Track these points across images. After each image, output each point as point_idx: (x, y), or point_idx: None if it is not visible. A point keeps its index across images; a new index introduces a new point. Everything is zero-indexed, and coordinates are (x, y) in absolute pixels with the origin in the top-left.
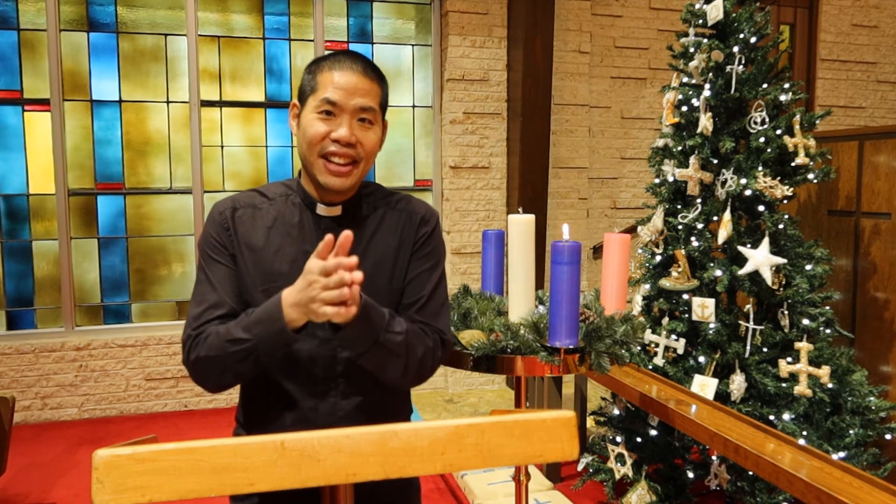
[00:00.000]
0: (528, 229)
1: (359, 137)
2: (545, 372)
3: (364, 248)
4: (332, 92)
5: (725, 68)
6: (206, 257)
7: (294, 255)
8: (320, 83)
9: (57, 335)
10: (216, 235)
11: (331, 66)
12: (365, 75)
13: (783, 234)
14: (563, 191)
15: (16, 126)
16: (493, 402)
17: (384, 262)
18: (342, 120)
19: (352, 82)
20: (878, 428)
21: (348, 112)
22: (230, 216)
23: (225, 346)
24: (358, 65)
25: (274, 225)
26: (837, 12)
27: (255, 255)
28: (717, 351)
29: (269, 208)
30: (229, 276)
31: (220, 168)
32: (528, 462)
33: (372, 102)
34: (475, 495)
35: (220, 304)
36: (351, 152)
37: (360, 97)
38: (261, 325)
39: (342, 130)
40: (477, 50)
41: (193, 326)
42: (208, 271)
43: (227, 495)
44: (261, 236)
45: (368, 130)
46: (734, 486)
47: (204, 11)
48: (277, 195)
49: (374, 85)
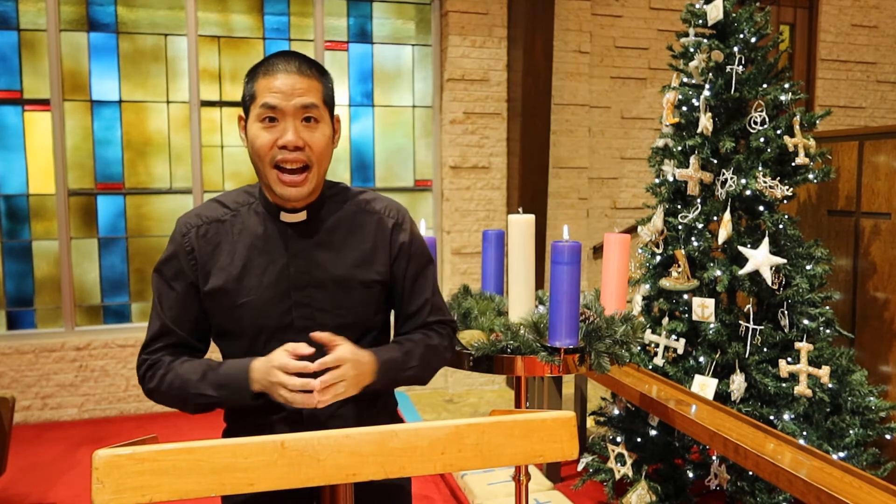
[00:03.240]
0: (528, 229)
1: (306, 139)
2: (545, 372)
3: (337, 249)
4: (270, 96)
5: (725, 68)
6: (159, 280)
7: (263, 267)
8: (258, 90)
9: (57, 335)
10: (175, 260)
11: (265, 71)
12: (301, 73)
13: (783, 234)
14: (563, 191)
15: (16, 126)
16: (493, 402)
17: (357, 262)
18: (286, 124)
19: (288, 83)
20: (878, 428)
21: (290, 114)
22: (194, 237)
23: (188, 395)
24: (292, 64)
25: (239, 238)
26: (837, 12)
27: (224, 273)
28: (717, 351)
29: (234, 220)
30: (179, 302)
31: (220, 168)
32: (528, 462)
33: (313, 99)
34: (475, 495)
35: (167, 332)
36: (301, 156)
37: (299, 96)
38: (228, 388)
39: (287, 135)
40: (477, 50)
41: (144, 352)
42: (161, 295)
43: (227, 495)
44: (228, 251)
45: (315, 130)
46: (734, 486)
47: (204, 11)
48: (240, 205)
49: (314, 81)
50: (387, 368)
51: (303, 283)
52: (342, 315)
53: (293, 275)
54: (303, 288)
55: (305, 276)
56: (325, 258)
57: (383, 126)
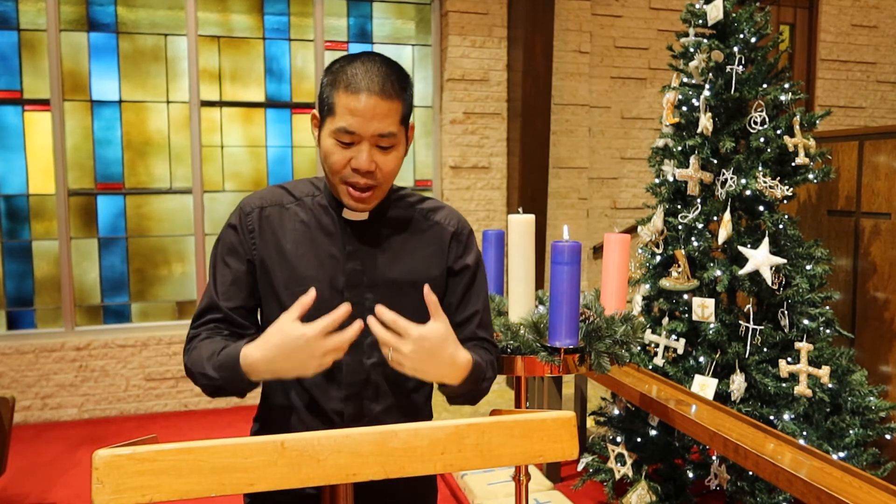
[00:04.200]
0: (528, 229)
1: (378, 164)
2: (545, 372)
3: (395, 252)
4: (349, 120)
5: (725, 68)
6: (217, 256)
7: (320, 258)
8: (337, 105)
9: (57, 335)
10: (235, 237)
11: (347, 85)
12: (383, 95)
13: (783, 234)
14: (563, 191)
15: (16, 126)
16: (493, 402)
17: (414, 267)
18: (361, 147)
19: (369, 106)
20: (877, 428)
21: (367, 139)
22: (257, 217)
23: (198, 376)
24: (375, 83)
25: (300, 227)
26: (837, 12)
27: (281, 258)
28: (717, 351)
29: (296, 208)
30: (233, 280)
31: (219, 168)
32: (528, 462)
33: (391, 127)
34: (475, 495)
35: (215, 307)
36: (370, 180)
37: (378, 122)
38: (224, 370)
39: (361, 159)
40: (477, 50)
41: (192, 326)
42: (216, 271)
43: (227, 495)
44: (287, 238)
45: (388, 154)
46: (734, 486)
47: (204, 11)
48: (304, 195)
49: (394, 103)
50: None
51: (356, 282)
52: None
53: (349, 272)
54: (355, 287)
55: (360, 275)
56: (381, 260)
57: None
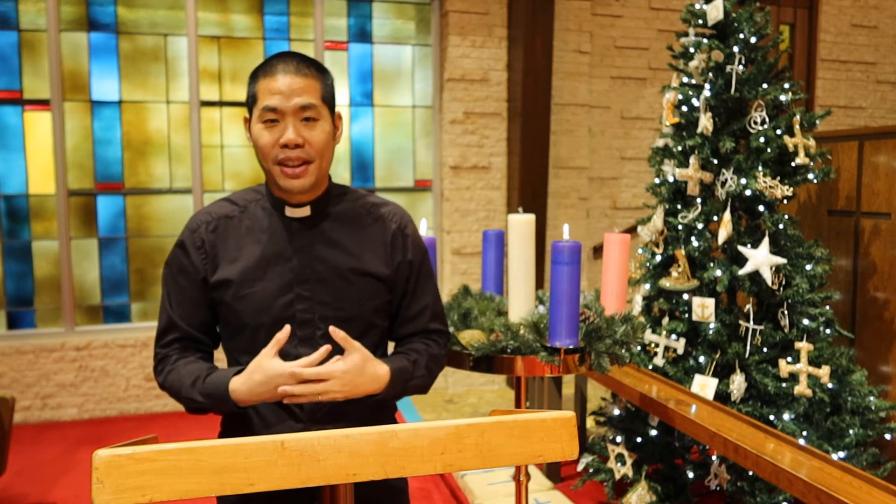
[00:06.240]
0: (528, 229)
1: (305, 137)
2: (545, 372)
3: (340, 245)
4: (270, 98)
5: (725, 68)
6: (168, 276)
7: (267, 258)
8: (259, 91)
9: (57, 335)
10: (185, 256)
11: (265, 72)
12: (299, 73)
13: (783, 234)
14: (563, 191)
15: (16, 126)
16: (493, 402)
17: (359, 258)
18: (286, 124)
19: (286, 83)
20: (877, 428)
21: (290, 114)
22: (204, 232)
23: (183, 399)
24: (290, 64)
25: (246, 233)
26: (837, 12)
27: (230, 265)
28: (717, 351)
29: (241, 216)
30: (186, 297)
31: (219, 168)
32: (528, 462)
33: (311, 99)
34: (475, 495)
35: (174, 327)
36: (301, 154)
37: (298, 96)
38: (213, 398)
39: (287, 134)
40: (477, 50)
41: (158, 346)
42: (169, 291)
43: (227, 495)
44: (235, 245)
45: (314, 128)
46: (734, 486)
47: (204, 11)
48: (248, 202)
49: (312, 80)
50: (397, 378)
51: (305, 277)
52: (342, 309)
53: (296, 268)
54: (305, 281)
55: (308, 270)
56: (327, 253)
57: (383, 126)
